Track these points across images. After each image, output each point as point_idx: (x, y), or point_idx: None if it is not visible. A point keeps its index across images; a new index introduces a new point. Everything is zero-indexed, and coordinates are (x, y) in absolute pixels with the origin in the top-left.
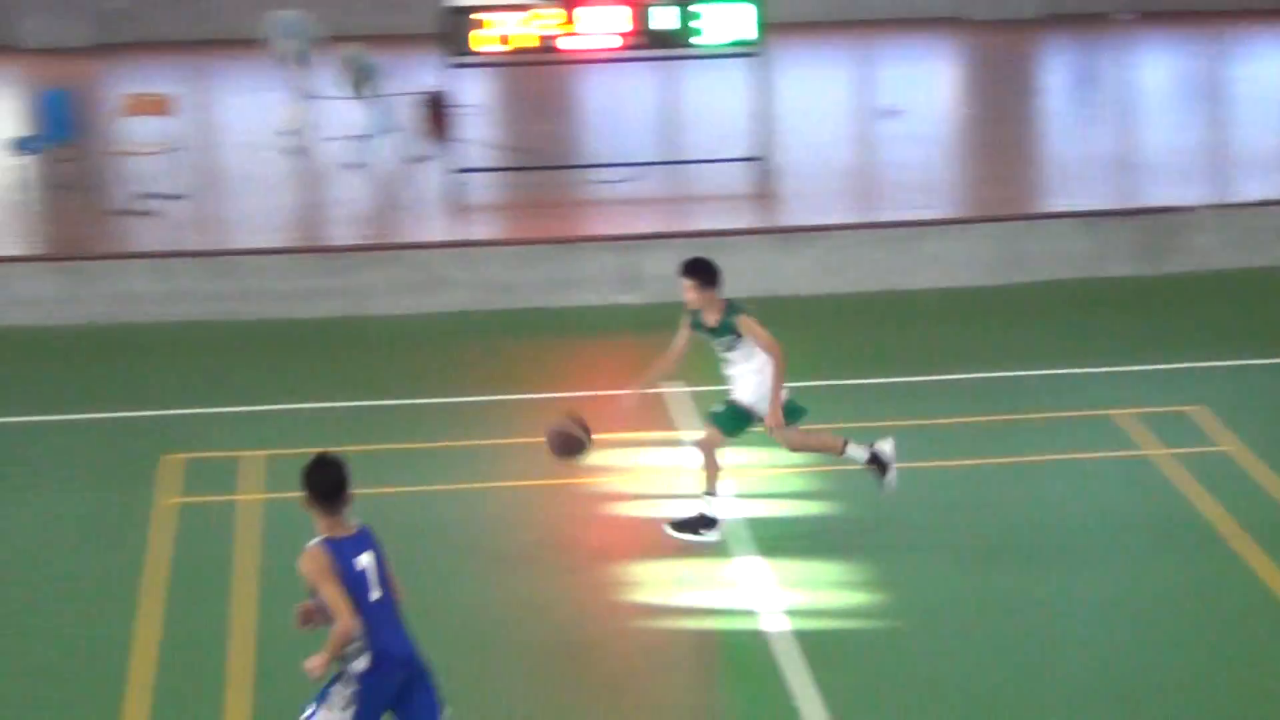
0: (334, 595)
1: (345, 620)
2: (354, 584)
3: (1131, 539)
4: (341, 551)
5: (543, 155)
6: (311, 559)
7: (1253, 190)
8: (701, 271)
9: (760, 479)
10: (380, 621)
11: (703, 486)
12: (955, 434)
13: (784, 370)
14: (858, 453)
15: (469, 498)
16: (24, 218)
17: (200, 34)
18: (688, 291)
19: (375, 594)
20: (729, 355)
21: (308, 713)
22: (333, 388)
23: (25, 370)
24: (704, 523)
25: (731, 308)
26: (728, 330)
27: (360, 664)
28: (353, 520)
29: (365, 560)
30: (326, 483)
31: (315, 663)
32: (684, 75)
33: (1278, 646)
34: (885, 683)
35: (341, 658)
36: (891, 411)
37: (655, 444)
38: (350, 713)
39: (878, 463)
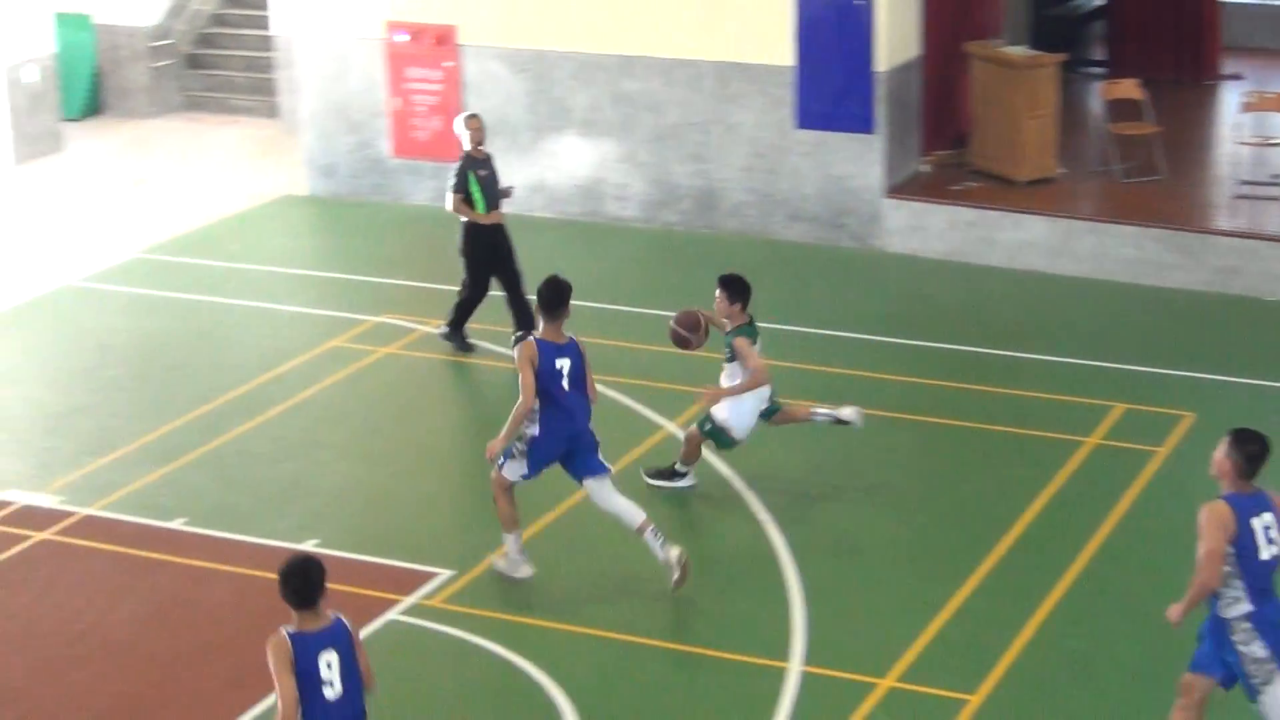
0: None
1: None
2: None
3: None
4: (545, 351)
5: None
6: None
7: None
8: (728, 286)
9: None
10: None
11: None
12: None
13: (757, 389)
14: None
15: None
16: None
17: None
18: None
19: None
20: (725, 366)
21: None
22: None
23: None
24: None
25: (741, 329)
26: (728, 345)
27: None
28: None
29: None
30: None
31: None
32: None
33: None
34: None
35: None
36: None
37: None
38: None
39: None
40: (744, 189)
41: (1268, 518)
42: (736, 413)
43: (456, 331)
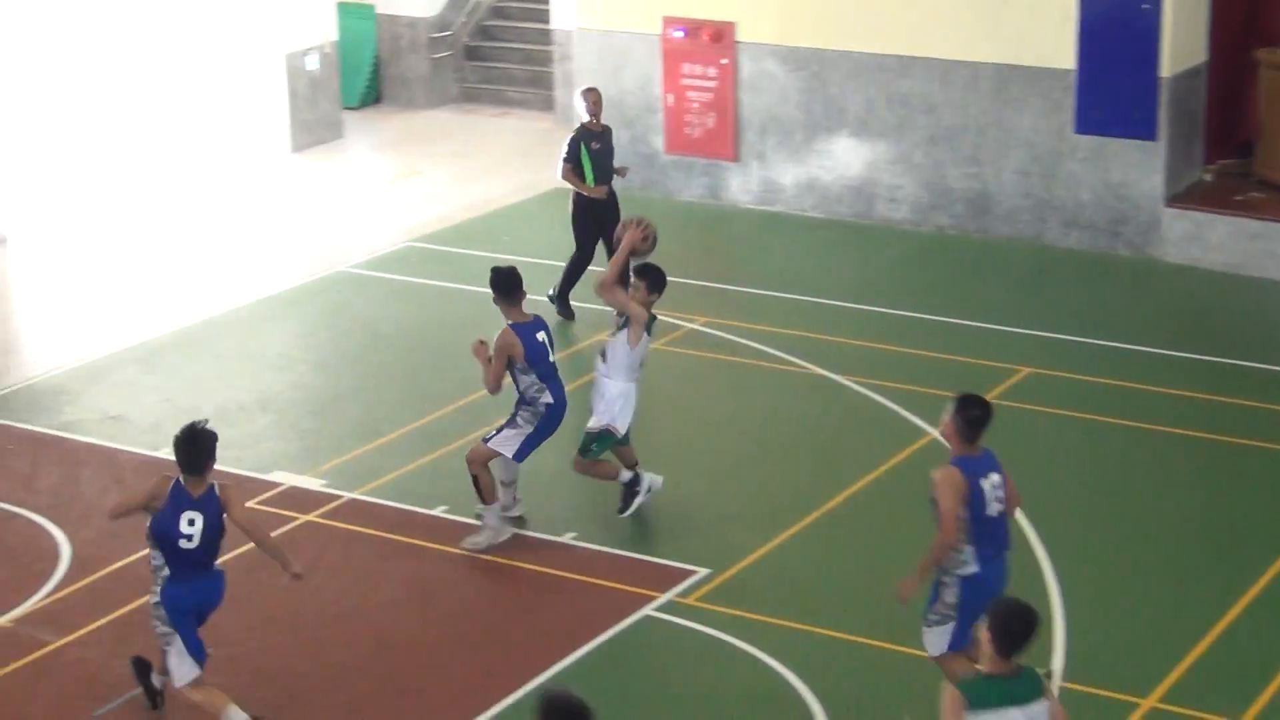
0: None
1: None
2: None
3: None
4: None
5: None
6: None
7: None
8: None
9: None
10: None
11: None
12: None
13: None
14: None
15: None
16: None
17: None
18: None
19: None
20: (615, 338)
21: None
22: None
23: None
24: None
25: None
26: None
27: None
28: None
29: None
30: None
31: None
32: None
33: None
34: None
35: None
36: None
37: None
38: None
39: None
40: (1019, 193)
41: (995, 478)
42: (609, 412)
43: (562, 299)
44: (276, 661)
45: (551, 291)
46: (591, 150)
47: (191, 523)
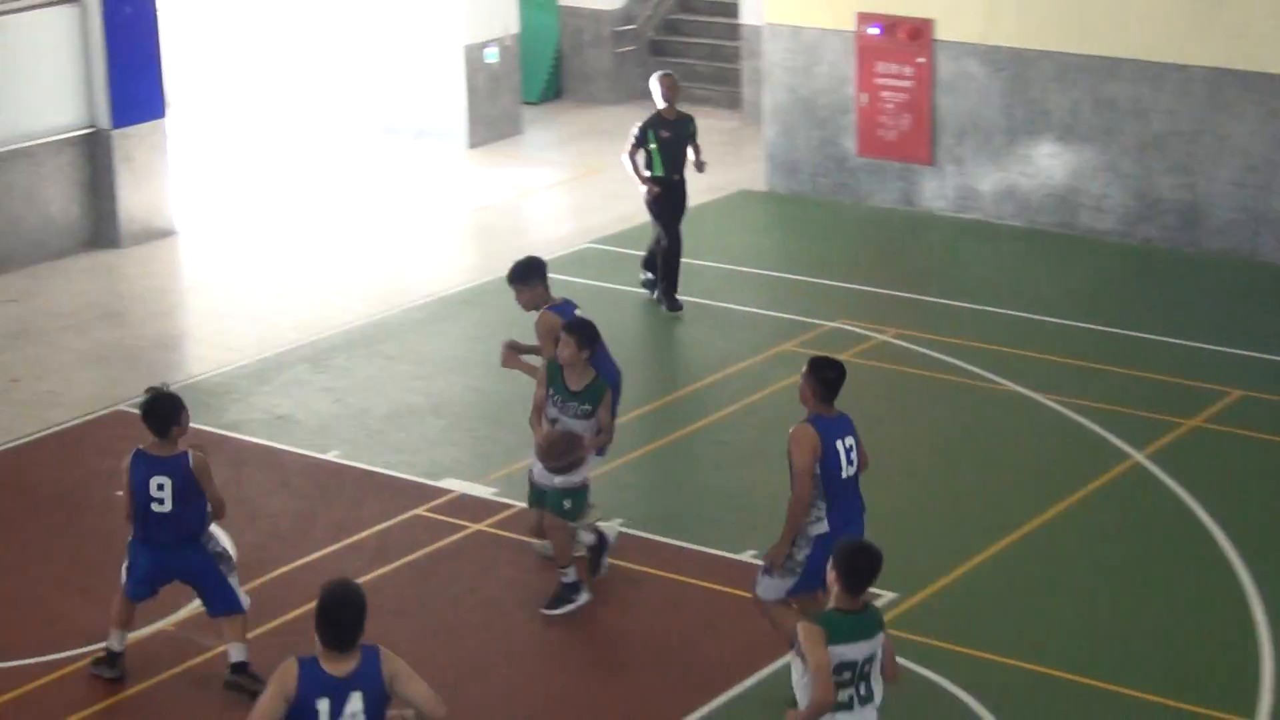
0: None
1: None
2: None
3: None
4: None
5: None
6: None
7: None
8: (577, 330)
9: None
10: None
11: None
12: None
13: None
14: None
15: None
16: None
17: None
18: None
19: None
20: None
21: None
22: None
23: None
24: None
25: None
26: (589, 397)
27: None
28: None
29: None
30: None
31: None
32: None
33: None
34: None
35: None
36: None
37: None
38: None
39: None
40: (1233, 205)
41: (849, 440)
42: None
43: (669, 295)
44: (439, 674)
45: (655, 294)
46: (660, 138)
47: (160, 487)
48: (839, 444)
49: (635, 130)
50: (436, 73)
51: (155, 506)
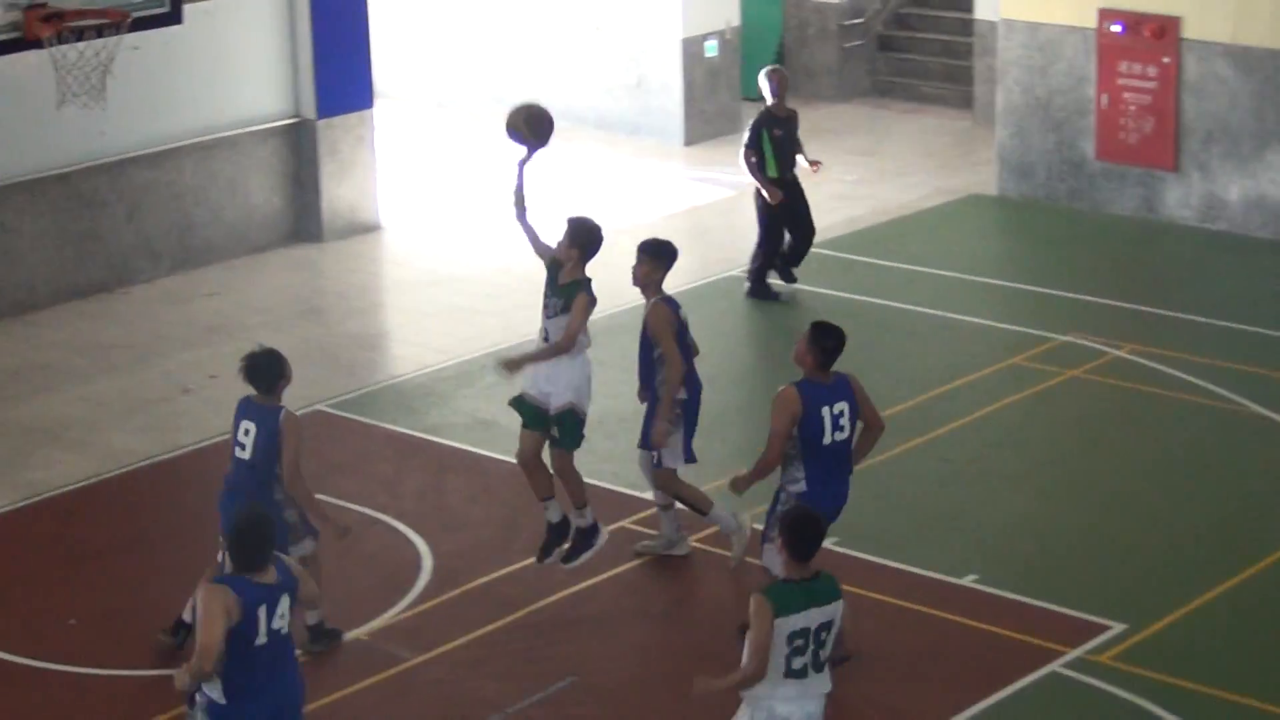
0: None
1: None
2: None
3: None
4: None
5: None
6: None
7: None
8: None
9: None
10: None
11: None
12: None
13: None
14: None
15: None
16: None
17: None
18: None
19: None
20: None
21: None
22: None
23: None
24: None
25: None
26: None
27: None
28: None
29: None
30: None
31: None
32: None
33: None
34: None
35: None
36: None
37: None
38: None
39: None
40: None
41: (841, 406)
42: (563, 386)
43: (762, 285)
44: (643, 698)
45: (747, 285)
46: (774, 136)
47: (246, 432)
48: (825, 410)
49: (749, 131)
50: (653, 66)
51: (238, 452)
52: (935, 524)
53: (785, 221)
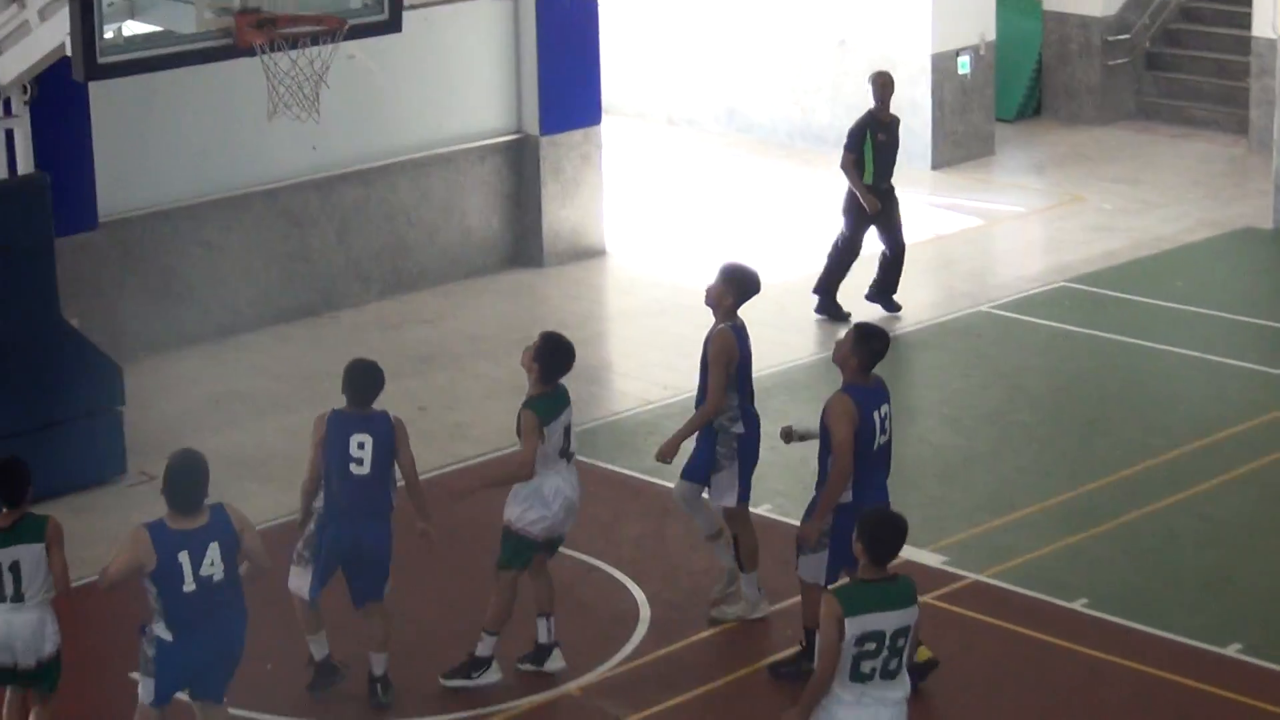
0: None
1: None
2: None
3: None
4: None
5: None
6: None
7: None
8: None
9: None
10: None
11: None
12: None
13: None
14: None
15: None
16: None
17: None
18: None
19: None
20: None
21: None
22: None
23: None
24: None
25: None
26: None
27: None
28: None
29: None
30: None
31: None
32: None
33: None
34: None
35: None
36: None
37: None
38: None
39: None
40: None
41: (885, 409)
42: (526, 507)
43: (828, 296)
44: None
45: (871, 294)
46: (877, 141)
47: (361, 445)
48: (875, 414)
49: (849, 134)
50: (900, 84)
51: (354, 468)
52: (1194, 587)
53: (870, 222)
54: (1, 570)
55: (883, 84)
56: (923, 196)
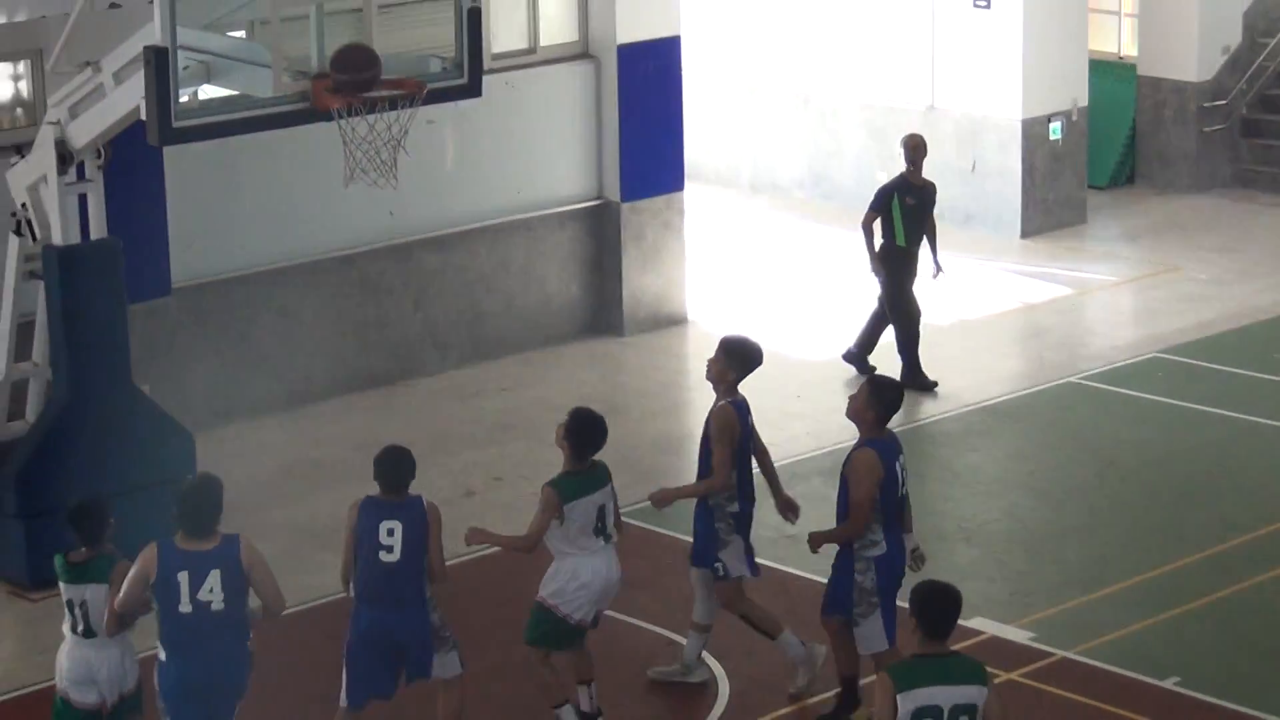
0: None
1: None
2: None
3: None
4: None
5: None
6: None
7: None
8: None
9: None
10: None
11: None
12: None
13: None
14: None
15: None
16: None
17: None
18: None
19: None
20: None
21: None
22: None
23: None
24: None
25: (557, 478)
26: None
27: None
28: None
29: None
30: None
31: None
32: None
33: None
34: None
35: None
36: None
37: None
38: None
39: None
40: None
41: (902, 459)
42: (560, 586)
43: (917, 374)
44: None
45: (851, 348)
46: (905, 205)
47: (390, 532)
48: (896, 465)
49: (876, 193)
50: (989, 149)
51: (384, 556)
52: (1248, 654)
53: (903, 290)
54: (73, 606)
55: (914, 146)
56: (1012, 265)
